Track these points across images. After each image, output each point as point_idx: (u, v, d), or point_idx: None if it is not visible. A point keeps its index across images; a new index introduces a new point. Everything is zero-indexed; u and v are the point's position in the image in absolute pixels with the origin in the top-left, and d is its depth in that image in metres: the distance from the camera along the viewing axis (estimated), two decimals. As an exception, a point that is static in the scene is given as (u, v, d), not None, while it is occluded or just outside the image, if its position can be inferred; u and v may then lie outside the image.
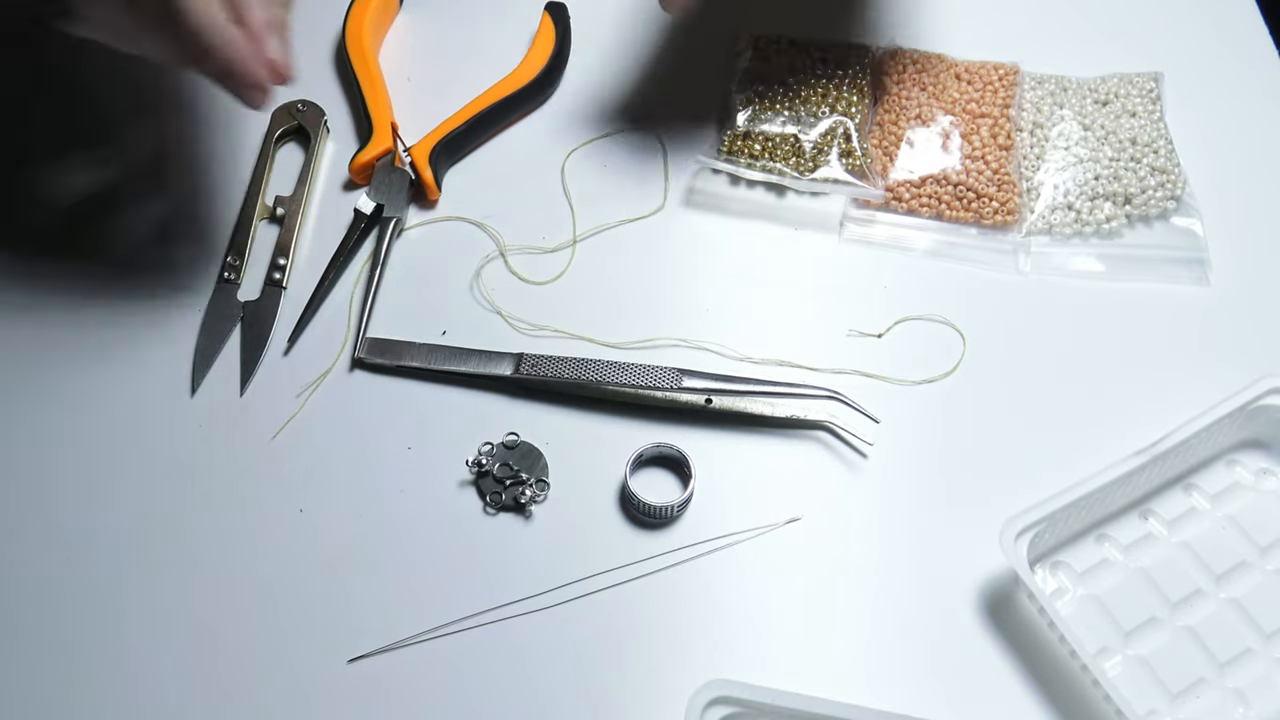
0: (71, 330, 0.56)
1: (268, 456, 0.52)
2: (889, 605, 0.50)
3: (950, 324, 0.57)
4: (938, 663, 0.48)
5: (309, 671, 0.48)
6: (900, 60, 0.63)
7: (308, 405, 0.54)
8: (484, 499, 0.51)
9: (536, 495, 0.51)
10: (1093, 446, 0.52)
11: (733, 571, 0.50)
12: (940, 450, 0.53)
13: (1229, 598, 0.50)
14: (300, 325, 0.56)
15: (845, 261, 0.59)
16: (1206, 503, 0.52)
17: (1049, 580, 0.50)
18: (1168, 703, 0.47)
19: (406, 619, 0.49)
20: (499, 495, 0.51)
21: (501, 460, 0.52)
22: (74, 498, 0.51)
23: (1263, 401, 0.51)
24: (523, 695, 0.47)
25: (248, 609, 0.49)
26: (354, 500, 0.51)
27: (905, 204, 0.59)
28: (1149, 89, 0.62)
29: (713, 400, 0.52)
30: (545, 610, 0.49)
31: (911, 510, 0.52)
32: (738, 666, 0.48)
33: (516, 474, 0.51)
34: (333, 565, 0.50)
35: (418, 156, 0.59)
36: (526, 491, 0.51)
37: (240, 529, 0.51)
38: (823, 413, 0.53)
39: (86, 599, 0.49)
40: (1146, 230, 0.59)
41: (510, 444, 0.52)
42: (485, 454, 0.52)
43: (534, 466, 0.52)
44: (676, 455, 0.52)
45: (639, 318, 0.56)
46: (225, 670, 0.48)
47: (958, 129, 0.60)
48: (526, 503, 0.51)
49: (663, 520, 0.51)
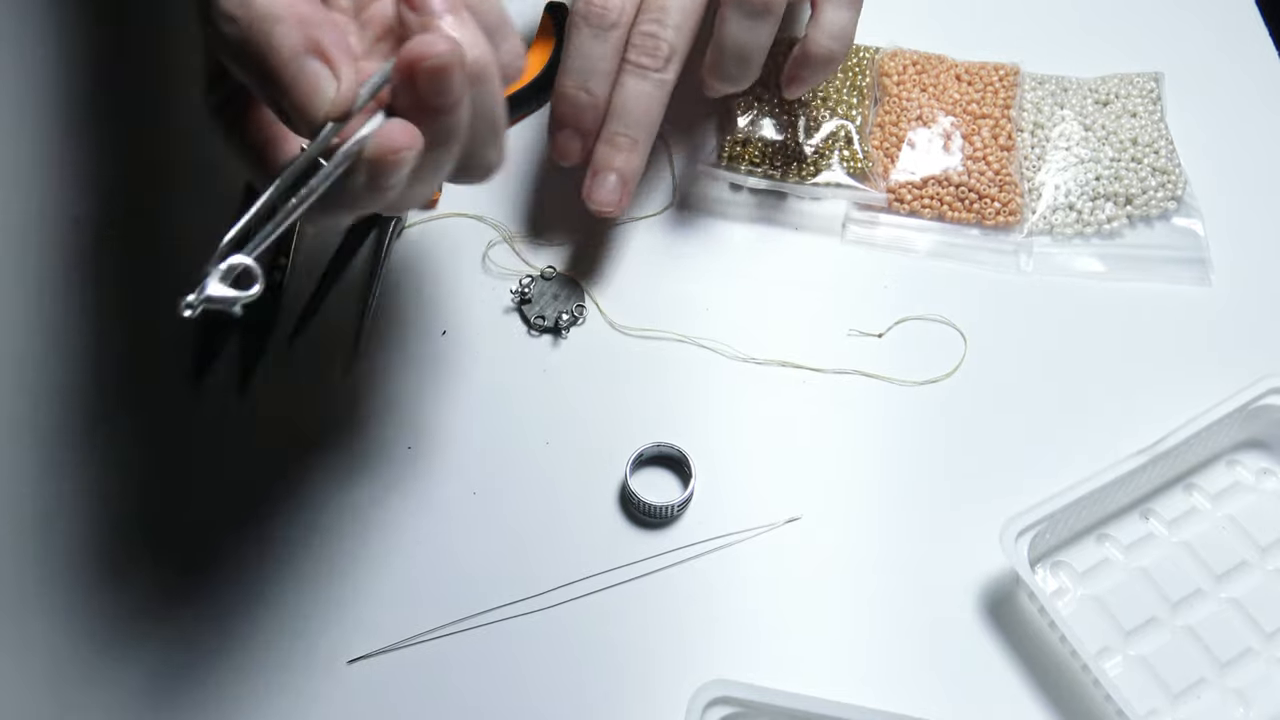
0: (71, 330, 0.56)
1: (267, 456, 0.52)
2: (889, 605, 0.50)
3: (951, 324, 0.57)
4: (938, 663, 0.48)
5: (309, 671, 0.47)
6: (900, 61, 0.63)
7: (308, 405, 0.54)
8: (527, 323, 0.55)
9: (577, 317, 0.55)
10: (1093, 446, 0.52)
11: (733, 571, 0.50)
12: (941, 450, 0.53)
13: (1229, 598, 0.50)
14: (300, 325, 0.56)
15: (847, 262, 0.59)
16: (1207, 503, 0.52)
17: (1049, 580, 0.50)
18: (1168, 703, 0.47)
19: (406, 619, 0.48)
20: (541, 319, 0.55)
21: (539, 290, 0.56)
22: (74, 497, 0.51)
23: (1263, 401, 0.51)
24: (523, 695, 0.47)
25: (247, 609, 0.49)
26: (354, 500, 0.51)
27: (907, 205, 0.59)
28: (1149, 89, 0.62)
29: None
30: (545, 610, 0.49)
31: (912, 510, 0.52)
32: (738, 666, 0.48)
33: (554, 301, 0.55)
34: (333, 565, 0.50)
35: (418, 156, 0.59)
36: (565, 315, 0.55)
37: (240, 529, 0.51)
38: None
39: (85, 599, 0.49)
40: (1148, 230, 0.59)
41: (548, 275, 0.56)
42: (526, 285, 0.56)
43: (570, 295, 0.56)
44: (676, 455, 0.52)
45: (639, 317, 0.56)
46: (225, 670, 0.47)
47: (959, 130, 0.60)
48: (565, 326, 0.55)
49: (663, 520, 0.51)
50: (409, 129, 0.36)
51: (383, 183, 0.37)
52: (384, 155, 0.36)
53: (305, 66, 0.36)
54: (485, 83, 0.38)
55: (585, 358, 0.55)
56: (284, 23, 0.36)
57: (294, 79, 0.36)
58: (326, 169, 0.36)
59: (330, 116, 0.36)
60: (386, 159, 0.36)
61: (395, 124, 0.36)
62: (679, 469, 0.52)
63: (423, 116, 0.36)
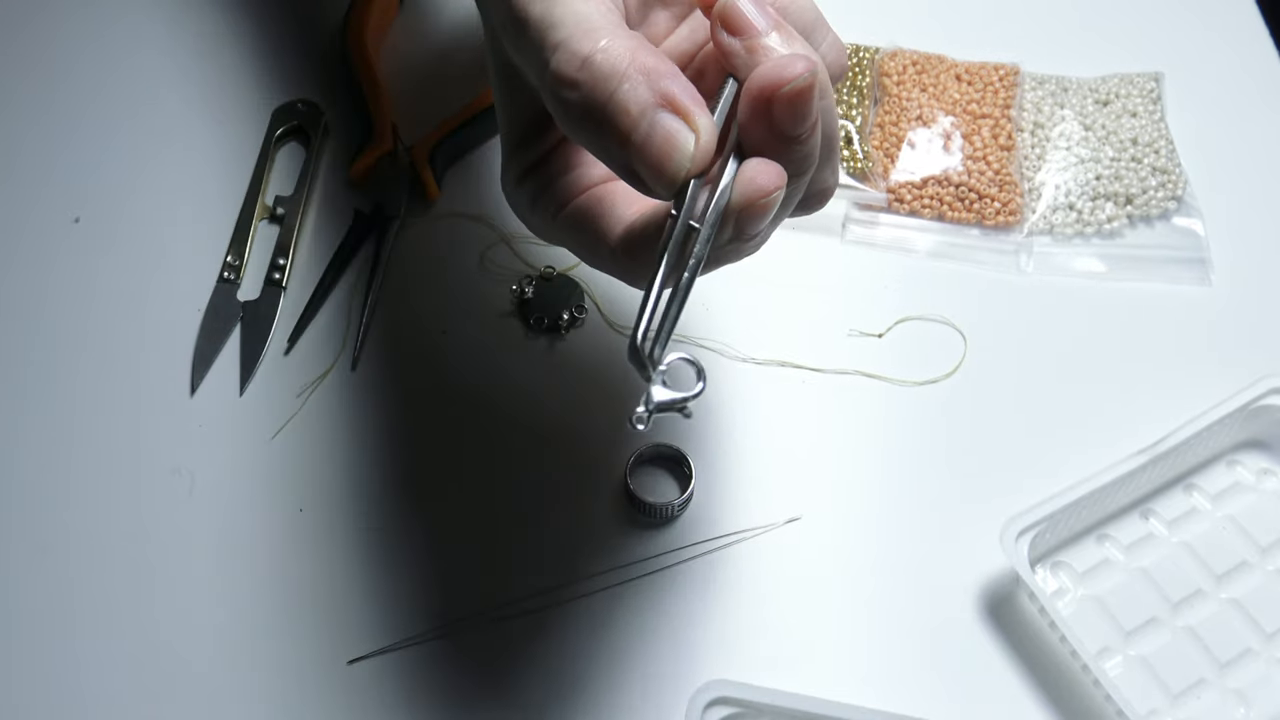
0: (70, 330, 0.56)
1: (267, 456, 0.52)
2: (889, 605, 0.50)
3: (951, 324, 0.57)
4: (938, 663, 0.48)
5: (309, 672, 0.47)
6: (900, 61, 0.63)
7: (308, 405, 0.54)
8: (526, 323, 0.55)
9: (577, 317, 0.54)
10: (1093, 446, 0.52)
11: (733, 571, 0.50)
12: (941, 450, 0.53)
13: (1230, 598, 0.50)
14: (300, 325, 0.56)
15: (847, 262, 0.59)
16: (1207, 503, 0.52)
17: (1050, 580, 0.50)
18: (1168, 703, 0.47)
19: (406, 619, 0.48)
20: (541, 320, 0.55)
21: (539, 290, 0.55)
22: (73, 498, 0.51)
23: (1264, 401, 0.51)
24: (522, 695, 0.47)
25: (247, 609, 0.49)
26: (354, 500, 0.51)
27: (907, 205, 0.59)
28: (1149, 89, 0.62)
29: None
30: (545, 610, 0.49)
31: (912, 510, 0.52)
32: (738, 666, 0.48)
33: (554, 301, 0.55)
34: (333, 565, 0.50)
35: (418, 156, 0.59)
36: (565, 315, 0.54)
37: (240, 529, 0.51)
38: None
39: (84, 599, 0.49)
40: (1148, 230, 0.59)
41: (547, 275, 0.56)
42: (526, 285, 0.55)
43: (570, 295, 0.55)
44: (676, 455, 0.52)
45: (639, 318, 0.56)
46: (225, 670, 0.47)
47: (959, 130, 0.60)
48: (565, 326, 0.54)
49: (663, 520, 0.51)
50: (773, 167, 0.33)
51: (750, 230, 0.34)
52: (753, 201, 0.33)
53: (659, 123, 0.33)
54: (826, 96, 0.35)
55: (585, 358, 0.55)
56: (629, 79, 0.33)
57: (647, 138, 0.33)
58: (705, 230, 0.33)
59: (693, 174, 0.33)
60: (756, 205, 0.33)
61: (758, 165, 0.33)
62: (679, 469, 0.52)
63: (779, 148, 0.33)
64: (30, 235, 0.58)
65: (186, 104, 0.63)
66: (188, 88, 0.63)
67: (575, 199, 0.39)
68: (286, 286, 0.57)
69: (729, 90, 0.35)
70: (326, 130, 0.62)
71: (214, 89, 0.63)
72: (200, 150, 0.61)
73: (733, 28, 0.34)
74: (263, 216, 0.59)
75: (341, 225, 0.59)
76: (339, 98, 0.63)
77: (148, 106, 0.63)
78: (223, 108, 0.63)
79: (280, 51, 0.65)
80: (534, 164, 0.40)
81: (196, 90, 0.63)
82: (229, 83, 0.63)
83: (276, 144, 0.61)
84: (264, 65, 0.64)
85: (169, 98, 0.63)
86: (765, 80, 0.32)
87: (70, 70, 0.64)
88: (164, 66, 0.64)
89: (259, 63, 0.64)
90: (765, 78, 0.32)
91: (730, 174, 0.33)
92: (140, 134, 0.62)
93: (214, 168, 0.61)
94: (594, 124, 0.34)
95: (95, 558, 0.50)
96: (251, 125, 0.62)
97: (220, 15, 0.66)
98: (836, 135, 0.37)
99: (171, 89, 0.63)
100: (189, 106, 0.63)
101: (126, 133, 0.62)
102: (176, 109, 0.63)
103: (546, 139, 0.40)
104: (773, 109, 0.32)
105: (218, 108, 0.63)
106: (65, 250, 0.58)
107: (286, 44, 0.65)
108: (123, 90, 0.63)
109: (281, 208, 0.59)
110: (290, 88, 0.63)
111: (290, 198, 0.59)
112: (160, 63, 0.64)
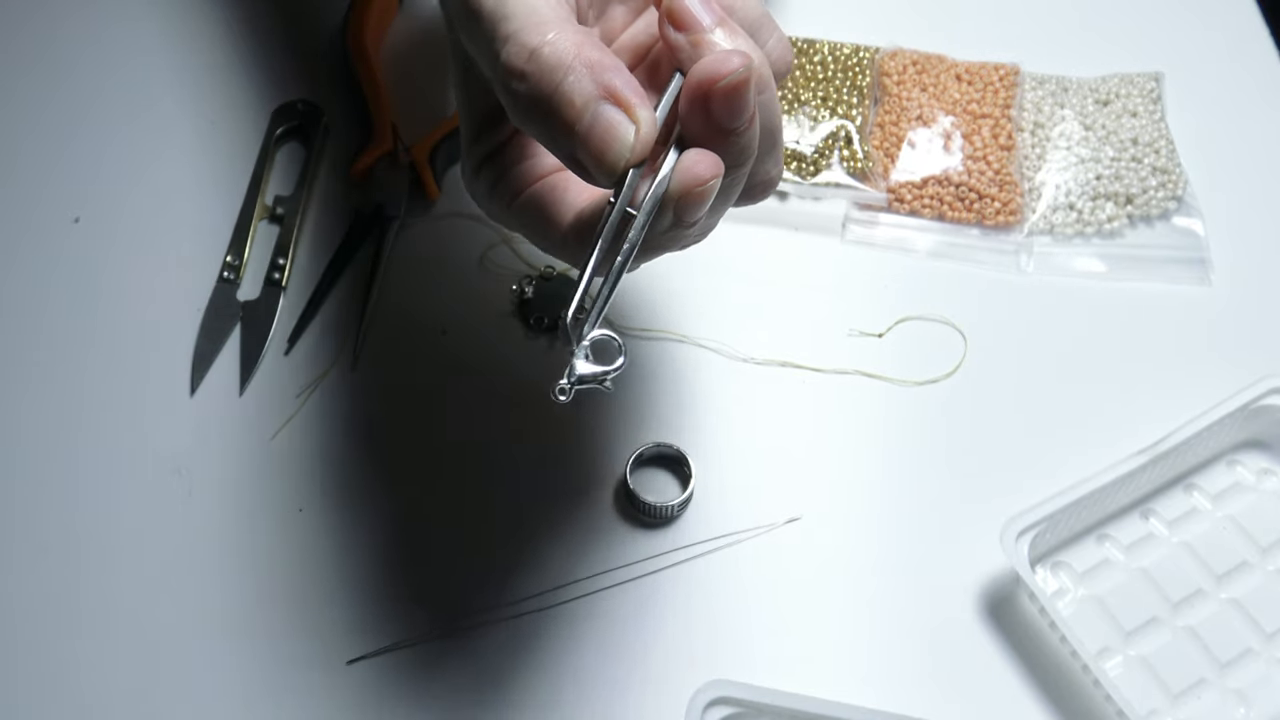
0: (70, 330, 0.56)
1: (267, 456, 0.52)
2: (889, 605, 0.50)
3: (952, 324, 0.57)
4: (938, 663, 0.48)
5: (309, 672, 0.47)
6: (900, 61, 0.63)
7: (308, 405, 0.54)
8: (526, 323, 0.55)
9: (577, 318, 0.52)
10: (1093, 446, 0.52)
11: (733, 571, 0.50)
12: (941, 450, 0.53)
13: (1230, 598, 0.50)
14: (300, 325, 0.56)
15: (847, 262, 0.59)
16: (1207, 503, 0.52)
17: (1050, 580, 0.50)
18: (1169, 703, 0.47)
19: (406, 619, 0.48)
20: (541, 320, 0.55)
21: (539, 290, 0.55)
22: (73, 497, 0.51)
23: (1264, 401, 0.51)
24: (522, 695, 0.47)
25: (247, 609, 0.49)
26: (354, 500, 0.51)
27: (907, 205, 0.59)
28: (1149, 89, 0.62)
29: None
30: (545, 610, 0.49)
31: (912, 510, 0.52)
32: (738, 666, 0.48)
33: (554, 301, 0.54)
34: (333, 565, 0.50)
35: (418, 156, 0.59)
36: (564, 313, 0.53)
37: (240, 529, 0.51)
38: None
39: (85, 599, 0.49)
40: (1148, 230, 0.59)
41: (547, 275, 0.55)
42: (525, 284, 0.55)
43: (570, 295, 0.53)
44: (676, 455, 0.52)
45: (639, 317, 0.56)
46: (225, 670, 0.47)
47: (959, 130, 0.60)
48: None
49: (663, 520, 0.51)
50: (710, 157, 0.35)
51: (689, 219, 0.35)
52: (690, 190, 0.34)
53: (601, 114, 0.34)
54: (766, 90, 0.36)
55: (585, 358, 0.55)
56: (574, 71, 0.34)
57: (589, 129, 0.34)
58: (642, 218, 0.35)
59: (632, 164, 0.34)
60: (693, 194, 0.34)
61: (695, 155, 0.35)
62: (679, 469, 0.52)
63: (717, 140, 0.35)
64: (30, 235, 0.58)
65: (186, 104, 0.63)
66: (188, 88, 0.63)
67: (529, 187, 0.41)
68: (286, 286, 0.57)
69: (675, 83, 0.36)
70: (326, 130, 0.62)
71: (214, 89, 0.63)
72: (200, 150, 0.61)
73: (679, 23, 0.35)
74: (263, 216, 0.59)
75: (341, 225, 0.59)
76: (339, 98, 0.63)
77: (148, 107, 0.63)
78: (223, 108, 0.63)
79: (280, 51, 0.65)
80: (490, 153, 0.41)
81: (196, 90, 0.63)
82: (229, 83, 0.63)
83: (276, 144, 0.61)
84: (264, 65, 0.64)
85: (169, 98, 0.63)
86: (703, 75, 0.34)
87: (70, 70, 0.64)
88: (164, 67, 0.64)
89: (259, 63, 0.64)
90: (703, 72, 0.34)
91: (670, 163, 0.35)
92: (140, 134, 0.62)
93: (214, 168, 0.61)
94: (540, 114, 0.35)
95: (95, 558, 0.50)
96: (251, 125, 0.62)
97: (220, 15, 0.66)
98: (778, 128, 0.38)
99: (171, 89, 0.63)
100: (189, 106, 0.63)
101: (126, 133, 0.62)
102: (176, 109, 0.63)
103: (502, 130, 0.41)
104: (710, 102, 0.34)
105: (218, 108, 0.63)
106: (65, 250, 0.58)
107: (286, 44, 0.65)
108: (123, 90, 0.63)
109: (281, 208, 0.59)
110: (290, 88, 0.63)
111: (290, 198, 0.59)
112: (160, 63, 0.64)
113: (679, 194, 0.35)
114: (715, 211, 0.38)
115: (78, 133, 0.62)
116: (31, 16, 0.66)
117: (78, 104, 0.63)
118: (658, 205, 0.35)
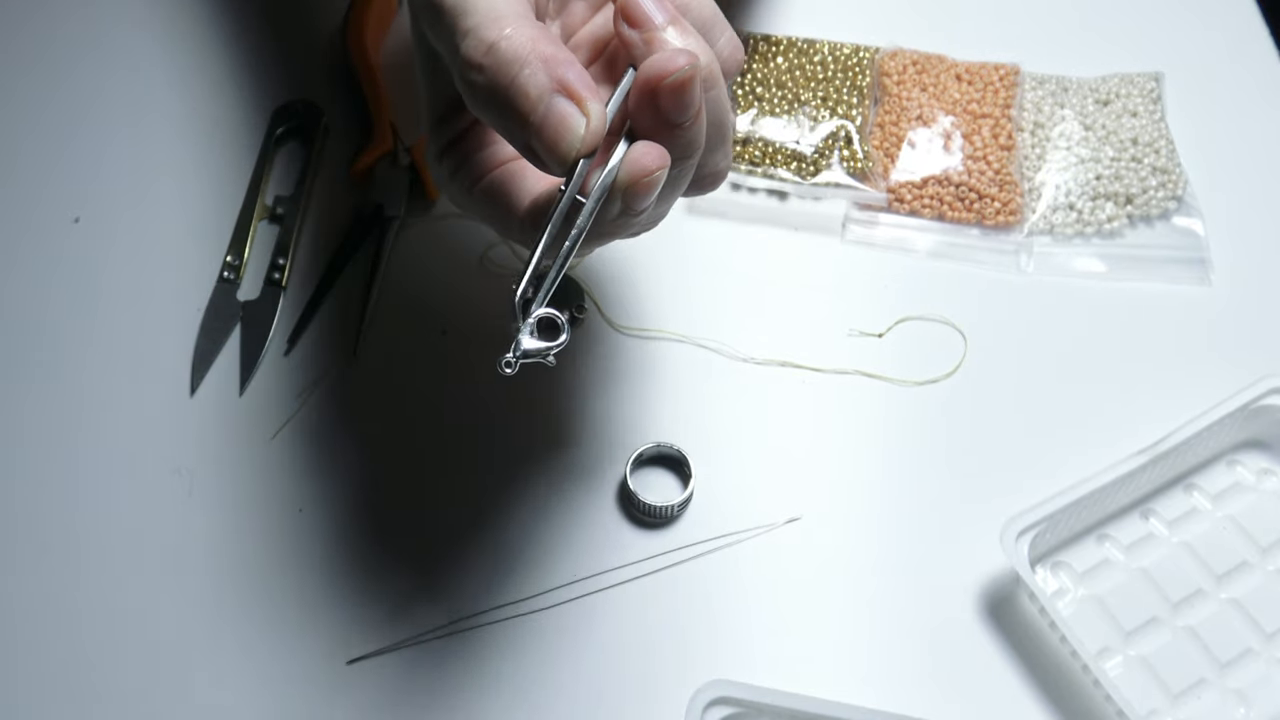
0: (70, 330, 0.56)
1: (267, 456, 0.52)
2: (889, 605, 0.50)
3: (952, 324, 0.57)
4: (938, 663, 0.48)
5: (309, 672, 0.47)
6: (900, 61, 0.63)
7: (307, 405, 0.54)
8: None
9: (576, 317, 0.54)
10: (1093, 446, 0.52)
11: (733, 571, 0.50)
12: (941, 450, 0.53)
13: (1230, 598, 0.50)
14: (300, 325, 0.56)
15: (847, 262, 0.59)
16: (1207, 503, 0.52)
17: (1050, 580, 0.50)
18: (1168, 703, 0.47)
19: (406, 619, 0.48)
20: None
21: None
22: (74, 497, 0.51)
23: (1264, 401, 0.51)
24: (522, 695, 0.47)
25: (247, 609, 0.49)
26: (354, 500, 0.51)
27: (907, 205, 0.59)
28: (1149, 89, 0.62)
29: None
30: (545, 610, 0.49)
31: (912, 510, 0.52)
32: (738, 666, 0.48)
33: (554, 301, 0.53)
34: (333, 565, 0.50)
35: (418, 156, 0.59)
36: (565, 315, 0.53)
37: (240, 529, 0.51)
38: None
39: (85, 599, 0.49)
40: (1148, 230, 0.59)
41: None
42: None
43: (570, 295, 0.54)
44: (676, 455, 0.52)
45: (639, 317, 0.56)
46: (225, 671, 0.47)
47: (959, 130, 0.60)
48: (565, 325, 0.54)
49: (663, 520, 0.51)
50: (656, 149, 0.36)
51: (636, 207, 0.37)
52: (637, 180, 0.36)
53: (554, 106, 0.36)
54: (714, 87, 0.38)
55: (585, 358, 0.55)
56: (529, 65, 0.36)
57: (543, 120, 0.36)
58: (590, 205, 0.37)
59: (582, 154, 0.36)
60: (640, 184, 0.36)
61: (643, 147, 0.36)
62: (679, 469, 0.52)
63: (665, 133, 0.36)
64: (30, 235, 0.58)
65: (186, 104, 0.63)
66: (188, 88, 0.63)
67: (489, 173, 0.42)
68: (286, 286, 0.57)
69: (629, 78, 0.38)
70: (326, 130, 0.62)
71: (214, 89, 0.63)
72: (200, 150, 0.61)
73: (632, 20, 0.37)
74: (263, 216, 0.59)
75: (341, 225, 0.59)
76: (339, 98, 0.63)
77: (148, 107, 0.63)
78: (223, 108, 0.63)
79: (280, 51, 0.65)
80: (452, 140, 0.43)
81: (196, 90, 0.63)
82: (229, 83, 0.63)
83: (276, 144, 0.61)
84: (264, 65, 0.64)
85: (169, 98, 0.63)
86: (651, 71, 0.35)
87: (70, 71, 0.64)
88: (164, 67, 0.64)
89: (259, 63, 0.64)
90: (651, 69, 0.35)
91: (620, 154, 0.37)
92: (140, 134, 0.62)
93: (214, 168, 0.61)
94: (497, 105, 0.36)
95: (95, 557, 0.50)
96: (251, 125, 0.62)
97: (220, 15, 0.66)
98: (727, 123, 0.40)
99: (171, 89, 0.63)
100: (189, 107, 0.63)
101: (126, 133, 0.62)
102: (176, 109, 0.63)
103: (463, 118, 0.43)
104: (658, 98, 0.35)
105: (218, 108, 0.63)
106: (65, 250, 0.58)
107: (286, 44, 0.65)
108: (123, 90, 0.63)
109: (281, 208, 0.59)
110: (290, 88, 0.63)
111: (290, 198, 0.59)
112: (160, 63, 0.64)
113: (626, 184, 0.36)
114: (663, 201, 0.39)
115: (78, 133, 0.62)
116: (31, 16, 0.66)
117: (78, 104, 0.63)
118: (606, 193, 0.37)
